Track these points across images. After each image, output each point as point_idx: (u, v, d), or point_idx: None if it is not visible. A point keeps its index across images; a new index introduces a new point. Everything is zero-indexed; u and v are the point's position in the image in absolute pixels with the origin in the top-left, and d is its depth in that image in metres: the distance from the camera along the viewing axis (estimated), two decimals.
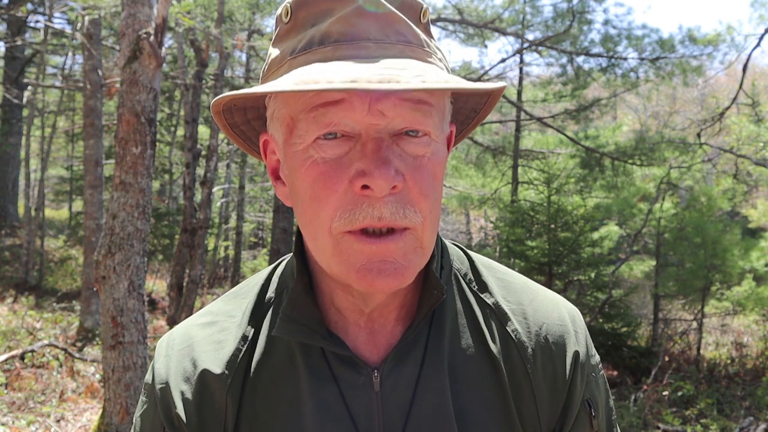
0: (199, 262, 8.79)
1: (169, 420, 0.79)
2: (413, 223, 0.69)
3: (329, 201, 0.68)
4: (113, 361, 3.67)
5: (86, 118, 7.90)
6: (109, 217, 3.73)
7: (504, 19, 10.68)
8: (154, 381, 0.82)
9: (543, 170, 8.12)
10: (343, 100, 0.67)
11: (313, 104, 0.68)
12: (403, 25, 0.72)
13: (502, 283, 0.86)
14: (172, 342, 0.85)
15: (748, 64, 8.38)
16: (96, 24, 7.75)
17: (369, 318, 0.78)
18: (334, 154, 0.68)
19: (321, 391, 0.76)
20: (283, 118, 0.72)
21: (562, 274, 7.61)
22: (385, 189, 0.66)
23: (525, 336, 0.81)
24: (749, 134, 9.32)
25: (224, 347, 0.80)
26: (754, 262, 9.25)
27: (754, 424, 5.49)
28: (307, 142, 0.69)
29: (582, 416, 0.82)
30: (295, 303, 0.76)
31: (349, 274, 0.69)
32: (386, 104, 0.67)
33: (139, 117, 3.70)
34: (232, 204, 17.52)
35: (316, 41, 0.70)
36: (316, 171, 0.69)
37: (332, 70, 0.65)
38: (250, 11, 11.16)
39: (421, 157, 0.70)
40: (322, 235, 0.70)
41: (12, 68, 14.13)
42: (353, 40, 0.69)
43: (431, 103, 0.70)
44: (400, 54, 0.70)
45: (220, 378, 0.78)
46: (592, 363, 0.85)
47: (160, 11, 3.79)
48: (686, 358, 8.45)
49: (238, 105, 0.80)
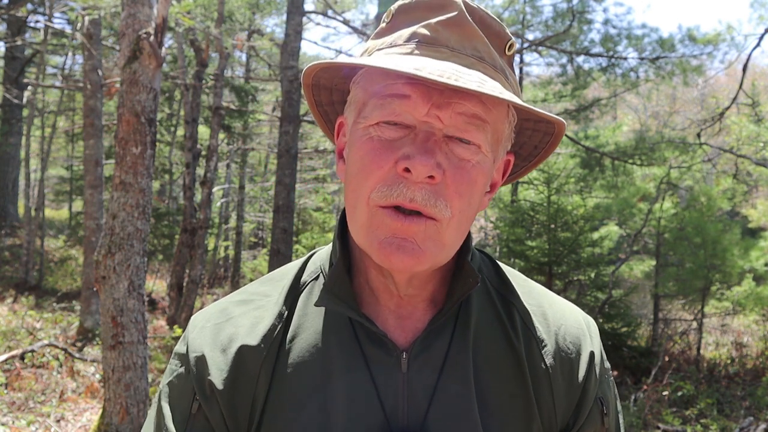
0: (199, 262, 8.79)
1: (201, 388, 0.82)
2: (441, 216, 0.74)
3: (373, 174, 0.75)
4: (113, 361, 3.67)
5: (86, 118, 7.90)
6: (109, 217, 3.73)
7: (504, 19, 10.69)
8: (188, 350, 0.85)
9: (543, 170, 8.11)
10: (409, 97, 0.74)
11: (384, 93, 0.76)
12: (481, 43, 0.79)
13: (523, 288, 0.92)
14: (208, 315, 0.88)
15: (748, 64, 8.38)
16: (96, 24, 7.74)
17: (399, 303, 0.83)
18: (390, 136, 0.75)
19: (351, 368, 0.80)
20: (358, 101, 0.80)
21: (562, 274, 7.61)
22: (422, 174, 0.72)
23: (545, 334, 0.86)
24: (749, 134, 9.32)
25: (261, 322, 0.85)
26: (754, 262, 9.25)
27: (754, 424, 5.49)
28: (370, 123, 0.77)
29: (594, 413, 0.87)
30: (336, 278, 0.81)
31: (372, 245, 0.75)
32: (444, 112, 0.74)
33: (139, 117, 3.70)
34: (232, 204, 17.52)
35: (403, 39, 0.79)
36: (370, 146, 0.76)
37: (404, 61, 0.74)
38: (250, 11, 11.16)
39: (467, 161, 0.76)
40: (361, 204, 0.76)
41: (12, 68, 14.13)
42: (433, 44, 0.77)
43: (486, 120, 0.76)
44: (471, 66, 0.76)
45: (256, 350, 0.82)
46: (605, 366, 0.90)
47: (160, 11, 3.79)
48: (686, 358, 8.45)
49: (325, 83, 0.87)
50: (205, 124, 12.71)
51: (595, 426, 0.86)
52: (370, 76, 0.79)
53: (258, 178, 18.61)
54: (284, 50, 8.15)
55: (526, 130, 0.87)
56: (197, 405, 0.82)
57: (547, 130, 0.86)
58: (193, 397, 0.82)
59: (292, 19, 8.18)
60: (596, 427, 0.86)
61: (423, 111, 0.74)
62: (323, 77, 0.86)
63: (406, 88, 0.74)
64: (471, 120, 0.75)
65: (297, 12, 8.21)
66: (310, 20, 10.97)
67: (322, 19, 11.39)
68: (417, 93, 0.74)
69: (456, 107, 0.74)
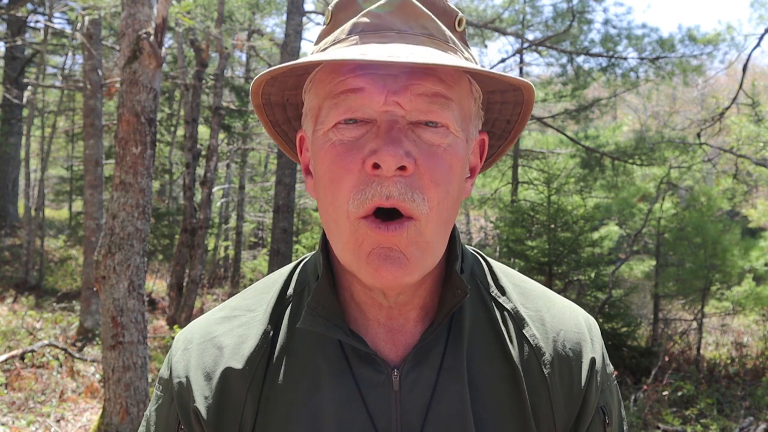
0: (199, 262, 8.79)
1: (186, 415, 0.80)
2: (419, 212, 0.69)
3: (345, 182, 0.70)
4: (113, 361, 3.67)
5: (86, 118, 7.90)
6: (109, 217, 3.73)
7: (504, 19, 10.69)
8: (172, 375, 0.82)
9: (543, 170, 8.11)
10: (362, 89, 0.70)
11: (336, 91, 0.71)
12: (429, 21, 0.75)
13: (519, 290, 0.87)
14: (191, 336, 0.85)
15: (748, 64, 8.38)
16: (96, 24, 7.74)
17: (388, 315, 0.79)
18: (351, 136, 0.71)
19: (340, 388, 0.76)
20: (312, 108, 0.76)
21: (562, 274, 7.61)
22: (392, 165, 0.67)
23: (543, 341, 0.81)
24: (749, 134, 9.32)
25: (246, 342, 0.81)
26: (754, 262, 9.25)
27: (754, 424, 5.49)
28: (328, 126, 0.72)
29: (596, 423, 0.83)
30: (320, 298, 0.77)
31: (359, 261, 0.71)
32: (403, 97, 0.69)
33: (139, 117, 3.70)
34: (232, 204, 17.51)
35: (345, 32, 0.75)
36: (334, 152, 0.71)
37: (349, 50, 0.69)
38: (250, 11, 11.16)
39: (437, 146, 0.71)
40: (342, 219, 0.71)
41: (12, 68, 14.13)
42: (377, 30, 0.73)
43: (449, 96, 0.72)
44: (420, 44, 0.72)
45: (241, 374, 0.79)
46: (607, 372, 0.86)
47: (160, 11, 3.79)
48: (686, 358, 8.45)
49: (277, 100, 0.83)
50: (205, 124, 12.71)
51: None
52: (319, 79, 0.75)
53: (258, 178, 18.61)
54: (284, 50, 8.14)
55: (495, 104, 0.83)
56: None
57: (516, 100, 0.81)
58: (178, 426, 0.81)
59: (292, 19, 8.18)
60: None
61: (380, 101, 0.69)
62: (273, 93, 0.82)
63: (357, 80, 0.70)
64: (433, 99, 0.70)
65: (297, 12, 8.21)
66: (310, 20, 10.97)
67: (322, 19, 11.38)
68: (370, 83, 0.69)
69: (414, 89, 0.69)
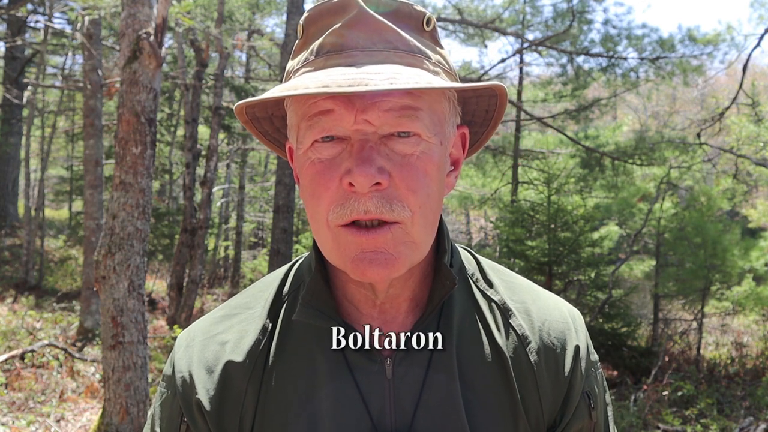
0: (199, 262, 8.79)
1: (189, 408, 0.83)
2: (402, 218, 0.73)
3: (324, 197, 0.74)
4: (113, 361, 3.67)
5: (86, 118, 7.90)
6: (109, 217, 3.73)
7: (504, 19, 10.69)
8: (175, 372, 0.86)
9: (543, 170, 8.11)
10: (332, 111, 0.73)
11: (309, 113, 0.75)
12: (391, 33, 0.76)
13: (506, 284, 0.91)
14: (193, 335, 0.89)
15: (748, 64, 8.38)
16: (96, 24, 7.74)
17: (381, 309, 0.83)
18: (329, 154, 0.74)
19: (336, 378, 0.80)
20: (293, 125, 0.80)
21: (562, 274, 7.61)
22: (365, 185, 0.71)
23: (529, 331, 0.86)
24: (749, 134, 9.32)
25: (246, 337, 0.85)
26: (754, 262, 9.25)
27: (754, 424, 5.49)
28: (306, 146, 0.76)
29: (581, 407, 0.87)
30: (314, 291, 0.82)
31: (346, 265, 0.75)
32: (371, 114, 0.72)
33: (139, 117, 3.70)
34: (232, 204, 17.52)
35: (314, 53, 0.77)
36: (313, 170, 0.75)
37: (312, 78, 0.72)
38: (250, 11, 11.16)
39: (410, 155, 0.74)
40: (323, 228, 0.76)
41: (12, 68, 14.13)
42: (342, 50, 0.75)
43: (417, 106, 0.74)
44: (385, 60, 0.74)
45: (242, 366, 0.82)
46: (591, 359, 0.90)
47: (160, 11, 3.79)
48: (686, 358, 8.45)
49: (261, 114, 0.87)
50: (205, 124, 12.71)
51: (582, 420, 0.86)
52: (295, 99, 0.78)
53: (258, 178, 18.62)
54: (284, 50, 8.14)
55: (470, 99, 0.86)
56: (185, 426, 0.84)
57: (490, 93, 0.84)
58: (181, 419, 0.84)
59: (292, 19, 8.18)
60: (584, 421, 0.86)
61: (350, 120, 0.72)
62: (257, 109, 0.85)
63: (327, 102, 0.73)
64: (401, 112, 0.73)
65: (297, 12, 8.21)
66: None
67: None
68: (339, 105, 0.72)
69: (382, 105, 0.72)
